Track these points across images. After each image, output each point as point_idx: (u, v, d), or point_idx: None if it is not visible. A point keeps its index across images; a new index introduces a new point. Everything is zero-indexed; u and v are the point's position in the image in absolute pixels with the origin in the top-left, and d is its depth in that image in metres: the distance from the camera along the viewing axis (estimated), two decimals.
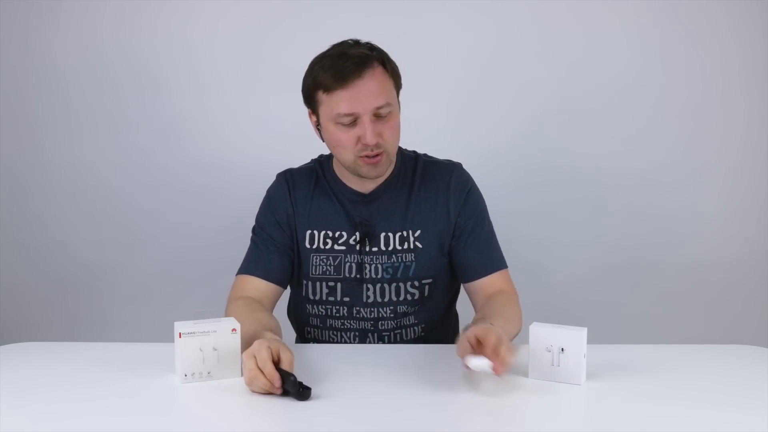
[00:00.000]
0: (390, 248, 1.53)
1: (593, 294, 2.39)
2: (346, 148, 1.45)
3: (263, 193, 1.63)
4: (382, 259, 1.52)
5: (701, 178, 2.36)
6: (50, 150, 2.41)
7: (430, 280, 1.55)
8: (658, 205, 2.38)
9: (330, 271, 1.54)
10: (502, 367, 1.17)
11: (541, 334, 1.25)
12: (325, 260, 1.54)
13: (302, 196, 1.58)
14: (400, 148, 1.59)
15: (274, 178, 1.65)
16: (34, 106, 2.40)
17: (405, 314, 1.56)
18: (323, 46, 1.48)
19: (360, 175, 1.50)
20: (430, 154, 1.65)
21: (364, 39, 1.48)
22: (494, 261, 1.55)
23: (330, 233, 1.55)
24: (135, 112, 2.39)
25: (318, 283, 1.56)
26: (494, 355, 1.18)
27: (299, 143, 1.67)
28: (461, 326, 1.74)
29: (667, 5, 2.30)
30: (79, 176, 2.41)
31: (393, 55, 1.49)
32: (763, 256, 2.38)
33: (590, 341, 1.24)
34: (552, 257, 2.38)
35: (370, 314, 1.55)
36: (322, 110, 1.45)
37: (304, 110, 1.63)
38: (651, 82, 2.33)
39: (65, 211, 2.43)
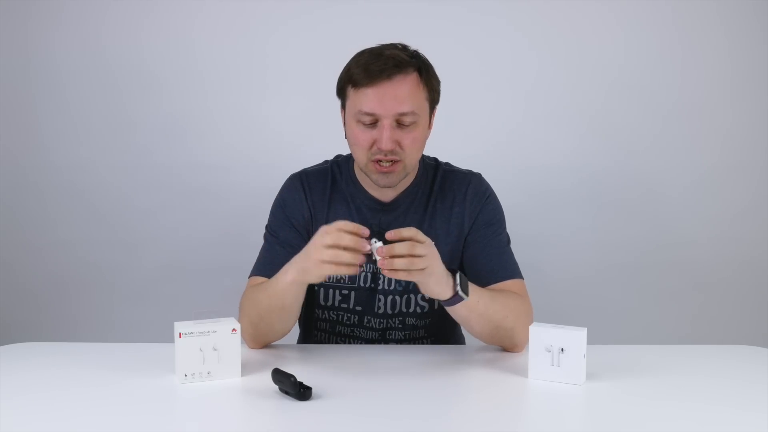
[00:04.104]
0: None
1: (593, 294, 2.39)
2: (361, 148, 1.41)
3: (263, 194, 1.62)
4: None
5: (701, 178, 2.36)
6: (51, 150, 2.41)
7: None
8: (658, 205, 2.38)
9: (344, 279, 1.51)
10: (387, 254, 1.19)
11: (541, 334, 1.25)
12: None
13: (319, 200, 1.53)
14: (422, 156, 1.55)
15: (274, 178, 1.63)
16: (34, 106, 2.40)
17: (415, 327, 1.55)
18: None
19: (371, 180, 1.47)
20: (451, 162, 1.62)
21: (373, 41, 1.45)
22: (507, 269, 1.49)
23: None
24: (136, 113, 2.39)
25: (331, 290, 1.52)
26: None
27: (300, 144, 1.68)
28: (467, 336, 1.73)
29: (666, 6, 2.30)
30: (80, 176, 2.41)
31: None
32: (763, 256, 2.38)
33: (590, 341, 1.24)
34: (552, 257, 2.38)
35: (380, 325, 1.54)
36: (348, 105, 1.43)
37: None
38: (651, 82, 2.33)
39: (66, 212, 2.43)
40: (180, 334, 1.23)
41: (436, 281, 1.26)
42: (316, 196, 1.54)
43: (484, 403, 1.21)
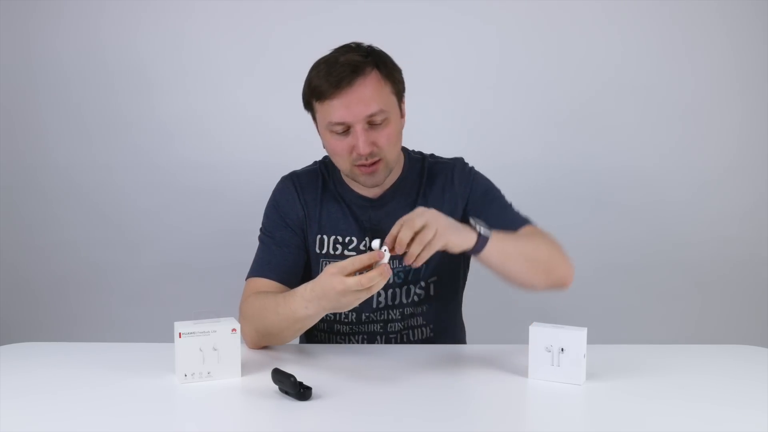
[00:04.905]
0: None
1: (593, 294, 2.39)
2: (341, 156, 1.43)
3: (263, 194, 1.62)
4: (393, 264, 1.46)
5: (701, 178, 2.36)
6: (51, 150, 2.41)
7: (435, 278, 1.54)
8: (658, 205, 2.38)
9: None
10: (398, 249, 1.22)
11: (541, 334, 1.25)
12: None
13: (311, 199, 1.55)
14: (407, 151, 1.58)
15: (273, 178, 1.63)
16: (35, 106, 2.40)
17: (413, 315, 1.55)
18: (321, 47, 1.47)
19: (359, 183, 1.49)
20: (435, 153, 1.64)
21: (366, 40, 1.46)
22: (515, 221, 1.48)
23: (340, 239, 1.52)
24: (136, 113, 2.39)
25: None
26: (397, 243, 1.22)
27: (299, 144, 1.68)
28: (468, 336, 1.74)
29: (665, 6, 2.30)
30: (80, 177, 2.41)
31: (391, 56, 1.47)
32: (763, 256, 2.38)
33: (590, 341, 1.24)
34: None
35: (380, 317, 1.54)
36: (318, 118, 1.45)
37: (305, 111, 1.64)
38: (650, 82, 2.33)
39: (66, 211, 2.43)
40: (180, 334, 1.23)
41: (454, 234, 1.25)
42: (308, 195, 1.55)
43: (484, 403, 1.21)
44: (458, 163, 1.59)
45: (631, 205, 2.38)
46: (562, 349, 1.23)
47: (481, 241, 1.30)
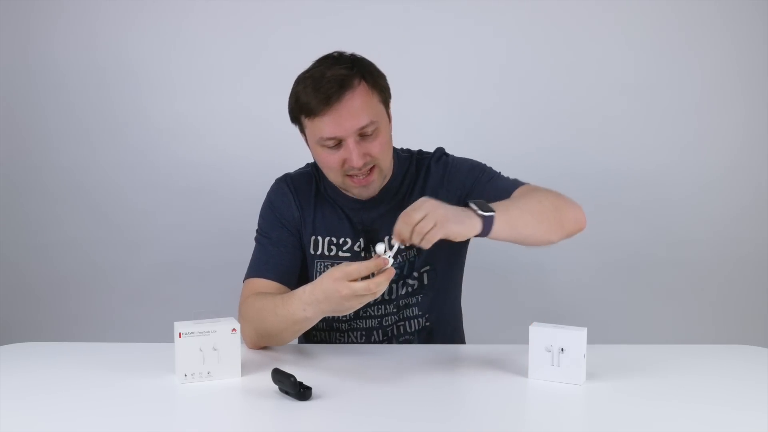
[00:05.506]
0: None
1: (593, 294, 2.39)
2: (333, 169, 1.44)
3: (263, 194, 1.63)
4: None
5: (701, 178, 2.36)
6: (50, 150, 2.41)
7: (428, 267, 1.55)
8: (658, 205, 2.38)
9: None
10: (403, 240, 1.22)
11: (541, 334, 1.25)
12: (330, 267, 1.52)
13: (306, 201, 1.56)
14: (396, 151, 1.58)
15: (272, 178, 1.64)
16: (34, 107, 2.40)
17: (407, 306, 1.56)
18: (322, 47, 1.48)
19: (352, 194, 1.50)
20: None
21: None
22: (508, 188, 1.46)
23: (334, 240, 1.54)
24: (135, 114, 2.38)
25: None
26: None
27: (298, 144, 1.68)
28: (465, 324, 1.74)
29: (666, 6, 2.30)
30: (80, 177, 2.41)
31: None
32: (763, 256, 2.38)
33: (590, 341, 1.24)
34: (551, 257, 2.38)
35: (377, 312, 1.55)
36: (308, 133, 1.45)
37: None
38: (651, 82, 2.33)
39: (66, 211, 2.43)
40: (180, 334, 1.23)
41: (456, 224, 1.23)
42: (303, 197, 1.57)
43: (484, 403, 1.21)
44: (435, 153, 1.60)
45: (632, 204, 2.38)
46: (562, 349, 1.23)
47: (487, 223, 1.26)
